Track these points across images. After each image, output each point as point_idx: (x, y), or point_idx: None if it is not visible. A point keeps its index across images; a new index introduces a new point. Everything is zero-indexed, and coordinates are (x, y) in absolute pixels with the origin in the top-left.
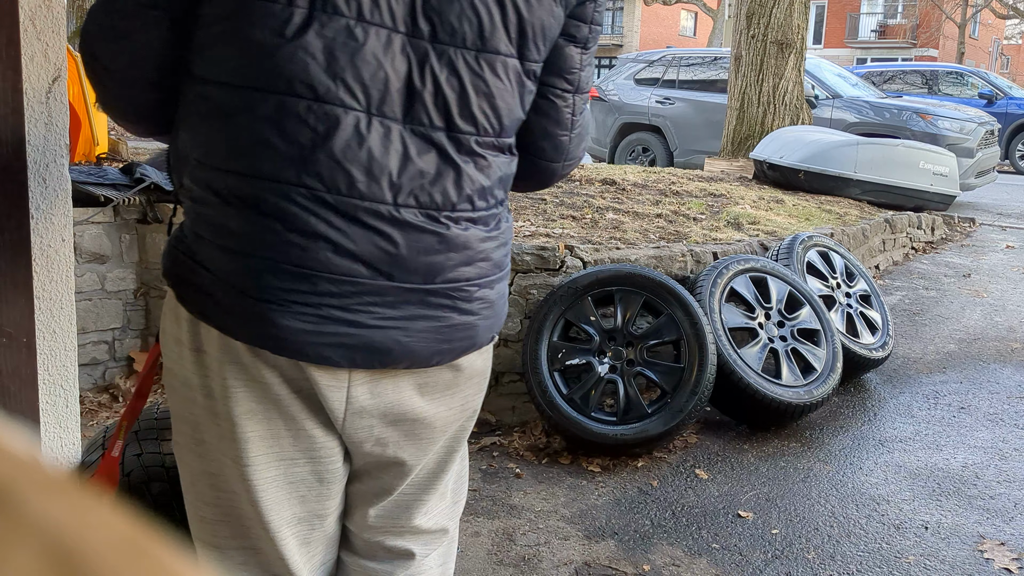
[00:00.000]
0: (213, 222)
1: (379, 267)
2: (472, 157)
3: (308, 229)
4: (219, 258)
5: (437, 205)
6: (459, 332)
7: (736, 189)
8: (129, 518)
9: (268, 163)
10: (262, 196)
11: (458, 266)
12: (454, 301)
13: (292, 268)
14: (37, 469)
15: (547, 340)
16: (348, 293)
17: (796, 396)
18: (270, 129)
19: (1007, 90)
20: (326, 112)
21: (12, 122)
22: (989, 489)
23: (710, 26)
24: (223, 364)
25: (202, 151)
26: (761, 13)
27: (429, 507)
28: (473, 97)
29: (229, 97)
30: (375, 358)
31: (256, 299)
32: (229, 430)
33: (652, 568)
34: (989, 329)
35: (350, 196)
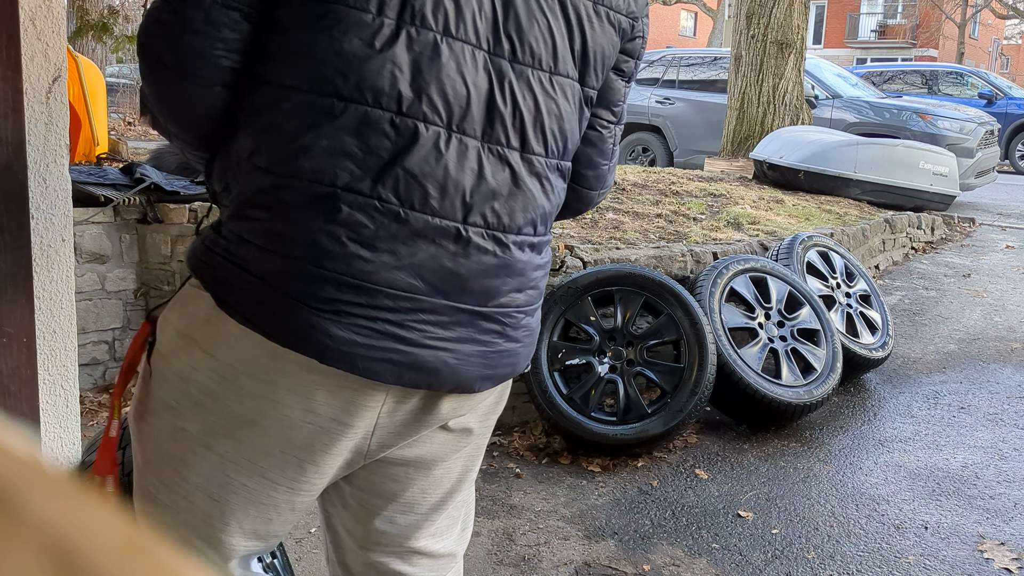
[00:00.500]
0: (268, 228)
1: (438, 285)
2: (540, 180)
3: (371, 242)
4: (270, 263)
5: (504, 227)
6: (504, 359)
7: (736, 189)
8: (129, 518)
9: (344, 173)
10: (332, 205)
11: (512, 291)
12: (503, 327)
13: (353, 280)
14: (37, 469)
15: (547, 340)
16: (405, 309)
17: (796, 396)
18: (350, 139)
19: (1007, 90)
20: (408, 125)
21: (12, 122)
22: (989, 489)
23: (710, 26)
24: (248, 372)
25: (268, 157)
26: (761, 13)
27: (438, 528)
28: (546, 118)
29: (309, 105)
30: (422, 378)
31: (310, 308)
32: (227, 430)
33: (652, 568)
34: (989, 329)
35: (422, 211)
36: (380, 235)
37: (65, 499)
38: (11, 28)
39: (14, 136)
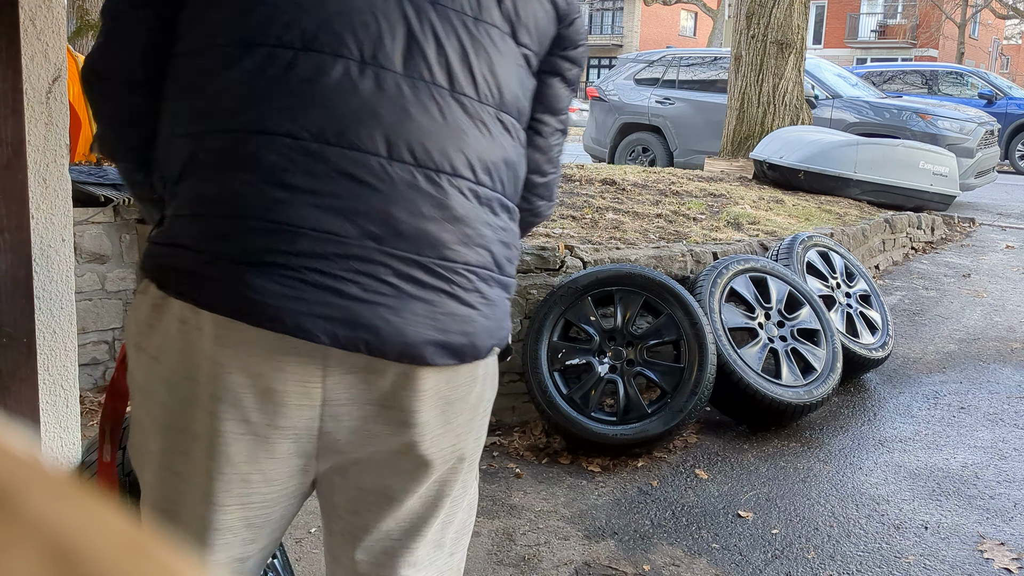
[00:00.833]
0: (192, 193)
1: (367, 228)
2: (475, 122)
3: (288, 181)
4: (196, 228)
5: (436, 164)
6: (456, 323)
7: (736, 189)
8: (129, 518)
9: (248, 114)
10: (243, 150)
11: (457, 244)
12: (451, 285)
13: (270, 224)
14: (37, 469)
15: (547, 340)
16: (331, 255)
17: (796, 396)
18: (255, 81)
19: (1007, 90)
20: (314, 61)
21: (12, 122)
22: (989, 489)
23: (710, 26)
24: (188, 374)
25: (182, 121)
26: (761, 13)
27: (418, 557)
28: (474, 60)
29: (214, 57)
30: (359, 336)
31: (232, 261)
32: (181, 445)
33: (652, 568)
34: (989, 329)
35: (338, 145)
36: (298, 174)
37: (65, 499)
38: (11, 28)
39: (14, 136)
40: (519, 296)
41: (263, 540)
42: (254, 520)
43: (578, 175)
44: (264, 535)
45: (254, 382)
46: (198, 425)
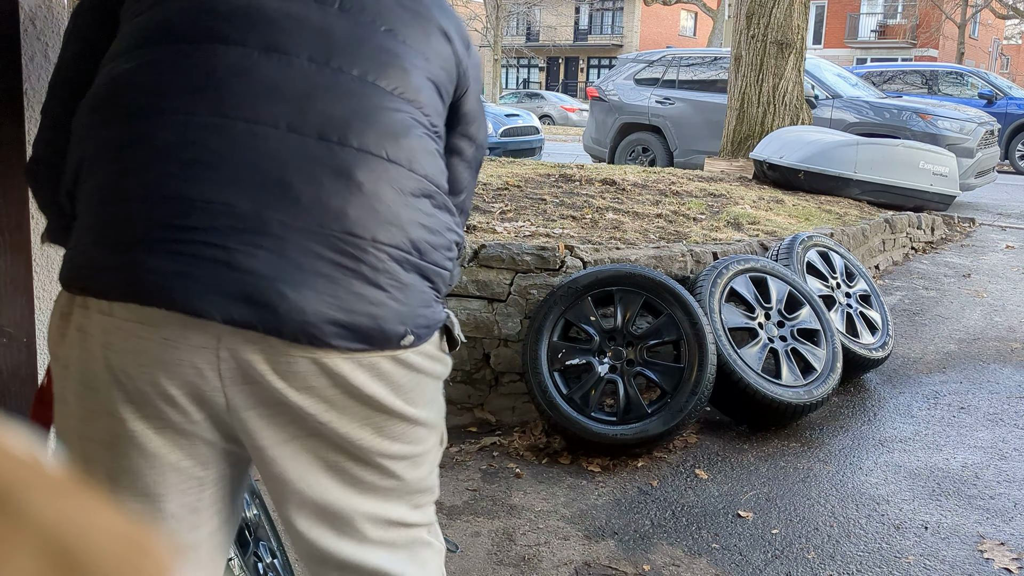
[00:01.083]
0: (89, 187)
1: (262, 197)
2: (380, 97)
3: (182, 156)
4: (94, 219)
5: (340, 138)
6: (362, 305)
7: (736, 189)
8: (129, 518)
9: (142, 99)
10: (136, 133)
11: (364, 219)
12: (357, 263)
13: (162, 199)
14: (37, 469)
15: (547, 340)
16: (226, 228)
17: (796, 396)
18: (155, 71)
19: (1007, 90)
20: (215, 48)
21: (12, 122)
22: (989, 489)
23: (710, 26)
24: (89, 382)
25: (77, 122)
26: (761, 13)
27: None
28: (375, 46)
29: (114, 60)
30: (254, 313)
31: (127, 244)
32: (98, 456)
33: (652, 568)
34: (989, 329)
35: (235, 119)
36: (192, 148)
37: (65, 499)
38: (11, 28)
39: (14, 136)
40: (519, 296)
41: (209, 524)
42: (195, 505)
43: (578, 175)
44: (207, 519)
45: (151, 378)
46: (106, 433)
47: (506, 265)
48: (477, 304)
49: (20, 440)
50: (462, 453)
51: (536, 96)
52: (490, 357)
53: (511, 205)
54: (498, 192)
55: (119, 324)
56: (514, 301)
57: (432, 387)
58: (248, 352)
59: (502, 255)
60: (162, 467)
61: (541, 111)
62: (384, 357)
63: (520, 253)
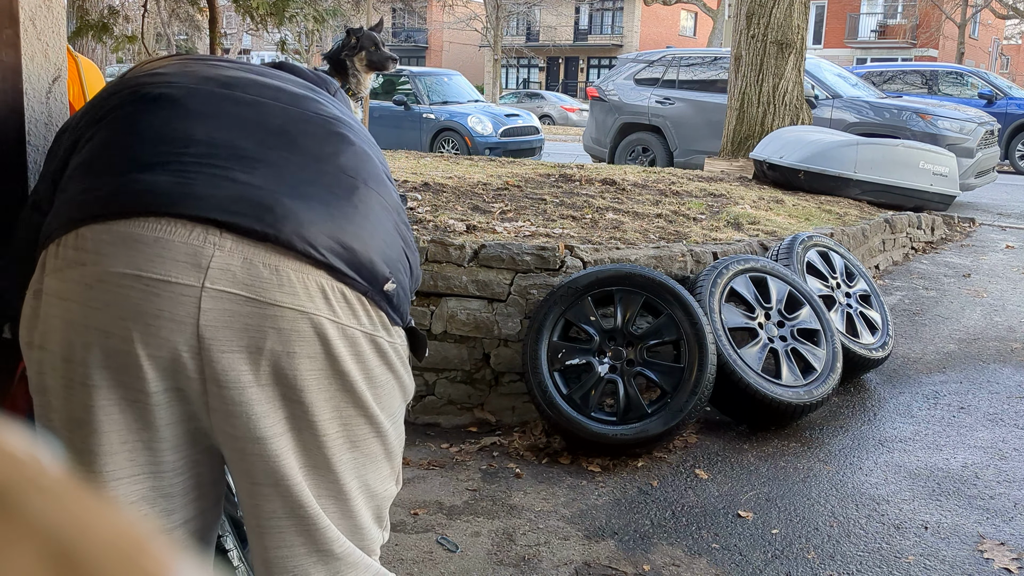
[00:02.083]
0: (99, 142)
1: (263, 139)
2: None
3: (192, 106)
4: (84, 183)
5: (332, 117)
6: (352, 228)
7: (736, 189)
8: (129, 518)
9: (153, 88)
10: (147, 101)
11: (356, 165)
12: (349, 196)
13: (165, 134)
14: (37, 469)
15: (547, 340)
16: (226, 156)
17: (796, 396)
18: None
19: (1007, 90)
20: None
21: (12, 122)
22: (989, 489)
23: (710, 26)
24: (66, 354)
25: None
26: (761, 13)
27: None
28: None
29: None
30: (253, 212)
31: (119, 174)
32: (69, 441)
33: (652, 568)
34: (989, 329)
35: (242, 93)
36: (188, 100)
37: (65, 499)
38: (11, 28)
39: (14, 136)
40: (519, 296)
41: (183, 512)
42: (168, 489)
43: (578, 175)
44: (180, 506)
45: (127, 334)
46: (81, 408)
47: (506, 265)
48: (477, 304)
49: (20, 440)
50: (462, 453)
51: (536, 96)
52: (490, 357)
53: (511, 205)
54: (498, 192)
55: (100, 271)
56: (514, 301)
57: (399, 399)
58: (239, 263)
59: (502, 255)
60: (134, 445)
61: (541, 111)
62: (363, 333)
63: (520, 253)
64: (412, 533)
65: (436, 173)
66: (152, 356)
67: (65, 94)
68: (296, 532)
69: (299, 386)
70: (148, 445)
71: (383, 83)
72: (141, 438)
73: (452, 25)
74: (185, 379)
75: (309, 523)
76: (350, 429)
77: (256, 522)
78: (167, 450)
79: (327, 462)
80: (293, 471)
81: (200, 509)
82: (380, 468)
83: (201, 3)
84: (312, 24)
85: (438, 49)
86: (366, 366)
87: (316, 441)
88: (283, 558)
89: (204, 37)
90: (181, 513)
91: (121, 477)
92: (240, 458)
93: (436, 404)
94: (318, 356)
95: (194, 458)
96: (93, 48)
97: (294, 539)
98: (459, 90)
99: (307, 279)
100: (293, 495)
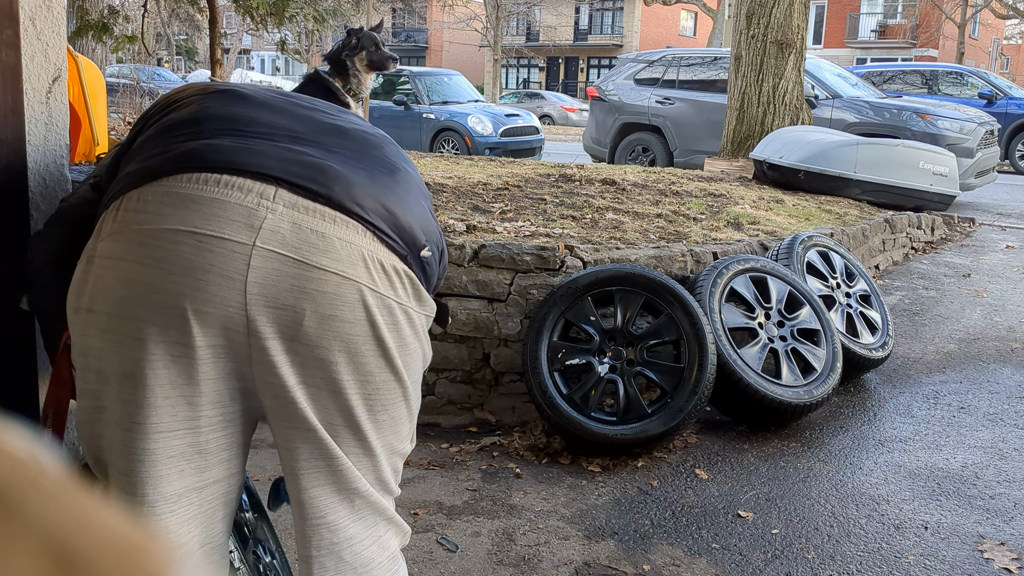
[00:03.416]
0: (167, 123)
1: (317, 129)
2: None
3: (257, 99)
4: (155, 160)
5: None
6: (395, 197)
7: (736, 189)
8: (129, 518)
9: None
10: (216, 99)
11: (397, 156)
12: (393, 175)
13: (229, 115)
14: (37, 469)
15: (547, 340)
16: (282, 136)
17: (796, 396)
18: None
19: (1007, 90)
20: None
21: (12, 122)
22: (989, 489)
23: (710, 26)
24: (116, 310)
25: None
26: (761, 13)
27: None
28: None
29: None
30: (307, 173)
31: (187, 140)
32: (117, 392)
33: (652, 568)
34: (989, 329)
35: (299, 104)
36: (254, 101)
37: (65, 499)
38: (11, 28)
39: (14, 136)
40: (519, 296)
41: (216, 470)
42: (204, 446)
43: (578, 175)
44: (215, 463)
45: (178, 288)
46: (129, 361)
47: (506, 265)
48: (477, 304)
49: (20, 440)
50: (462, 453)
51: (536, 96)
52: (490, 357)
53: (511, 205)
54: (498, 192)
55: (156, 229)
56: (514, 301)
57: (420, 365)
58: (288, 226)
59: (502, 255)
60: (176, 399)
61: (541, 111)
62: (398, 304)
63: (520, 253)
64: (412, 533)
65: (436, 173)
66: (199, 311)
67: (65, 94)
68: (327, 472)
69: (335, 347)
70: (190, 400)
71: (383, 83)
72: (184, 393)
73: (452, 25)
74: (231, 333)
75: (338, 464)
76: (381, 392)
77: (292, 465)
78: (207, 404)
79: (357, 422)
80: (324, 423)
81: (230, 471)
82: (403, 428)
83: (201, 3)
84: (312, 24)
85: (438, 49)
86: (400, 333)
87: (347, 401)
88: (314, 497)
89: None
90: (214, 471)
91: (163, 431)
92: (280, 406)
93: (436, 404)
94: (358, 321)
95: (231, 416)
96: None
97: (325, 479)
98: (459, 90)
99: (351, 248)
100: (324, 439)
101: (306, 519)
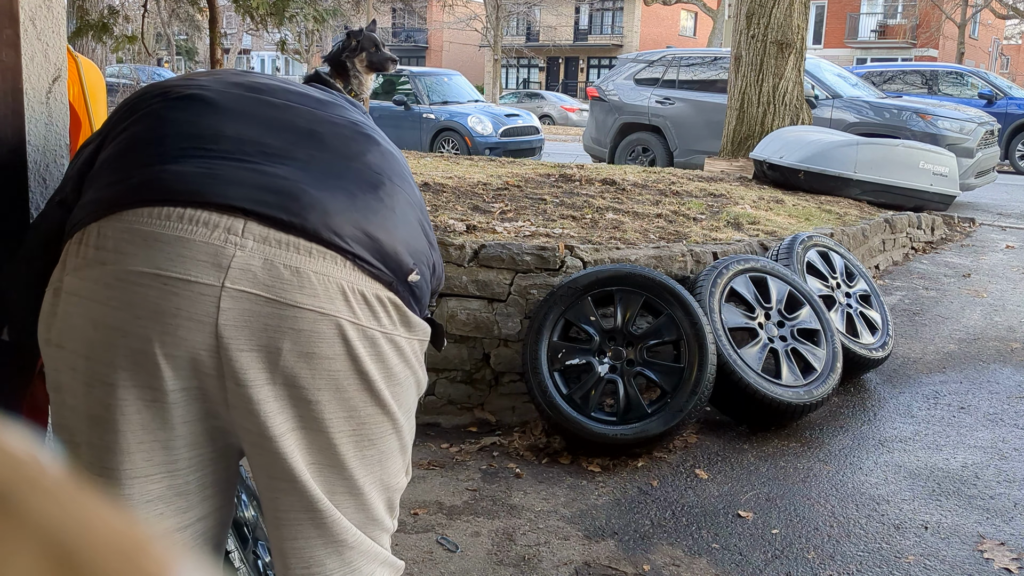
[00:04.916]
0: (129, 136)
1: (291, 139)
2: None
3: (223, 104)
4: (121, 157)
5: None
6: (378, 219)
7: (736, 189)
8: (129, 518)
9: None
10: (181, 100)
11: (381, 163)
12: (375, 190)
13: (195, 129)
14: (37, 469)
15: (547, 340)
16: (253, 152)
17: (796, 396)
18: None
19: (1007, 90)
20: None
21: (12, 122)
22: (989, 489)
23: (710, 26)
24: (86, 352)
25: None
26: (761, 13)
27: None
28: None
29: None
30: (278, 202)
31: (146, 165)
32: (88, 436)
33: (652, 568)
34: (989, 329)
35: (273, 98)
36: (220, 100)
37: (65, 499)
38: (11, 28)
39: (14, 136)
40: (519, 296)
41: (197, 509)
42: (183, 488)
43: (578, 175)
44: (195, 503)
45: (146, 333)
46: (99, 406)
47: (506, 265)
48: (477, 304)
49: (20, 440)
50: (462, 453)
51: (536, 96)
52: (490, 357)
53: (511, 205)
54: (498, 192)
55: (120, 270)
56: (514, 301)
57: (414, 394)
58: (259, 263)
59: (502, 255)
60: (151, 444)
61: (541, 111)
62: (382, 333)
63: (520, 253)
64: (412, 533)
65: (436, 173)
66: (169, 355)
67: (65, 94)
68: (311, 525)
69: (316, 386)
70: (165, 444)
71: (383, 83)
72: (158, 438)
73: (452, 25)
74: (203, 376)
75: (323, 517)
76: (368, 427)
77: (274, 514)
78: (183, 447)
79: (342, 461)
80: (307, 469)
81: (214, 507)
82: (395, 462)
83: (201, 3)
84: (312, 24)
85: (438, 49)
86: (385, 365)
87: (331, 440)
88: (299, 548)
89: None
90: (196, 510)
91: (137, 476)
92: (258, 453)
93: (436, 404)
94: (338, 357)
95: (210, 456)
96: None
97: (309, 531)
98: (459, 90)
99: (328, 281)
100: (308, 491)
101: (289, 568)
